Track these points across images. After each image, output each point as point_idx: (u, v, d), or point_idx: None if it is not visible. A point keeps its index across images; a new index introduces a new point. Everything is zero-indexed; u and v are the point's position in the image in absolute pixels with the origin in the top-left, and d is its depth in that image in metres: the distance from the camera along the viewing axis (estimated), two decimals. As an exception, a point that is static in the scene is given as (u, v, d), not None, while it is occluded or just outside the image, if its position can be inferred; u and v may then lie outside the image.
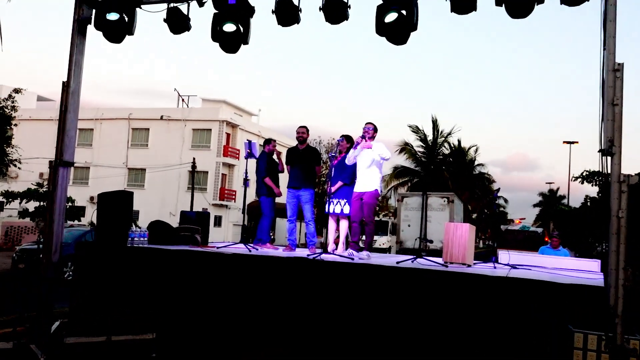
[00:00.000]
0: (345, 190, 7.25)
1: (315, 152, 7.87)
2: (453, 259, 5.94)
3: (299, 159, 7.66)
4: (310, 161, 7.65)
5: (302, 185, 7.55)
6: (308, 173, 7.61)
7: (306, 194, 7.54)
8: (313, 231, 7.61)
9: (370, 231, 6.69)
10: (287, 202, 7.69)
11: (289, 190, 7.68)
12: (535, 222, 60.91)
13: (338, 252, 7.10)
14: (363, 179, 6.82)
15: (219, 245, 7.31)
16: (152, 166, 37.89)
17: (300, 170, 7.60)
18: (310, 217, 7.55)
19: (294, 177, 7.66)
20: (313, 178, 7.71)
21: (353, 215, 6.81)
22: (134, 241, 6.66)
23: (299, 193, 7.57)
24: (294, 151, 7.81)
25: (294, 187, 7.62)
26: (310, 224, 7.56)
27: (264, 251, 6.99)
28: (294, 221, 7.66)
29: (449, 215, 19.69)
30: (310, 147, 7.89)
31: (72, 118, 6.52)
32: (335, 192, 7.21)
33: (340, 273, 5.43)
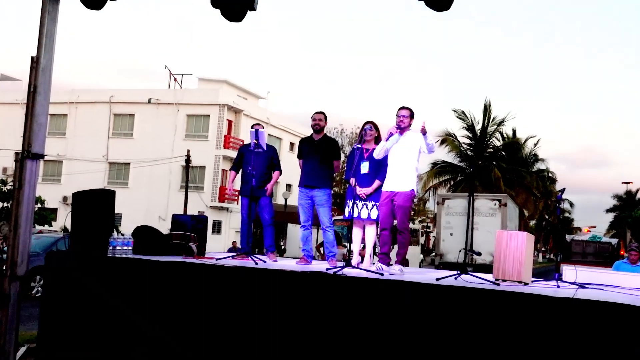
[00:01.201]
0: (378, 192, 7.23)
1: (334, 143, 7.89)
2: (506, 275, 5.89)
3: (313, 152, 7.69)
4: (327, 154, 7.68)
5: (317, 183, 7.57)
6: (324, 169, 7.65)
7: (321, 194, 7.57)
8: (332, 240, 7.66)
9: (405, 240, 6.67)
10: (299, 205, 7.73)
11: (301, 190, 7.72)
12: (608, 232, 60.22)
13: (364, 266, 7.08)
14: (395, 176, 6.79)
15: (218, 257, 7.35)
16: (138, 160, 38.27)
17: (315, 166, 7.63)
18: (328, 222, 7.59)
19: (307, 173, 7.68)
20: (330, 175, 7.75)
21: (382, 221, 6.81)
22: (116, 250, 6.71)
23: (313, 193, 7.60)
24: (308, 142, 7.84)
25: (307, 186, 7.64)
26: (329, 230, 7.60)
27: (275, 264, 7.02)
28: (308, 227, 7.69)
29: (501, 222, 19.57)
30: (328, 138, 7.91)
31: (42, 101, 6.60)
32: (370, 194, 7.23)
33: (366, 291, 5.42)
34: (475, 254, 16.00)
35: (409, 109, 6.90)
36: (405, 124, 6.81)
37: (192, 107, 38.68)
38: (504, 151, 38.36)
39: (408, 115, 6.84)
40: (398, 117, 6.84)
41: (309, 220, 7.69)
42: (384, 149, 6.89)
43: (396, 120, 6.84)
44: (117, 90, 41.07)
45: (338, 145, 8.04)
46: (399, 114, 6.85)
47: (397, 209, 6.68)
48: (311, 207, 7.66)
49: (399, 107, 6.95)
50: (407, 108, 6.90)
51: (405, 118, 6.81)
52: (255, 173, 7.69)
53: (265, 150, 7.73)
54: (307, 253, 7.65)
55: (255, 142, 7.61)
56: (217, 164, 38.17)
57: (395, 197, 6.71)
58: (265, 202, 8.06)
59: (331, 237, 7.60)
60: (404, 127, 6.82)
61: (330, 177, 7.74)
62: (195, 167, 36.65)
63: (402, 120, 6.79)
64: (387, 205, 6.75)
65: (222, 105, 38.16)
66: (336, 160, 7.81)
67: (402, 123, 6.79)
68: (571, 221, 66.52)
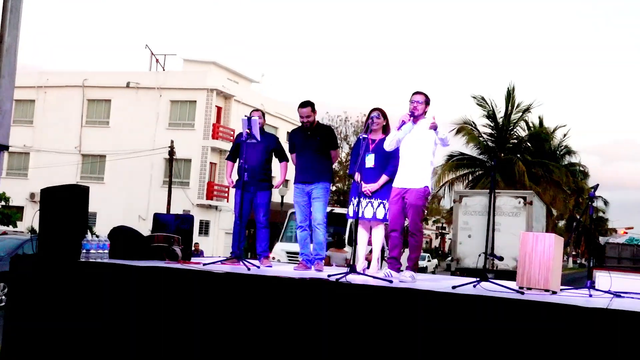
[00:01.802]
0: (384, 188, 7.25)
1: (329, 131, 7.96)
2: (531, 283, 5.89)
3: (307, 143, 7.73)
4: (322, 144, 7.73)
5: (313, 178, 7.64)
6: (321, 161, 7.71)
7: (318, 188, 7.63)
8: (323, 240, 7.67)
9: (417, 244, 6.69)
10: (295, 203, 7.78)
11: (296, 187, 7.77)
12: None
13: (371, 272, 7.11)
14: (407, 170, 6.79)
15: (206, 261, 7.35)
16: (115, 152, 38.29)
17: (310, 158, 7.68)
18: (322, 219, 7.62)
19: (302, 168, 7.74)
20: (328, 167, 7.80)
21: (392, 222, 6.81)
22: (90, 254, 6.71)
23: (310, 189, 7.66)
24: (300, 133, 7.89)
25: (303, 182, 7.71)
26: (319, 228, 7.62)
27: (270, 270, 7.02)
28: (306, 228, 7.74)
29: (526, 222, 19.59)
30: (322, 126, 7.98)
31: (6, 84, 6.60)
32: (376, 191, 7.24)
33: (373, 301, 5.42)
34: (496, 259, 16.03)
35: (424, 94, 6.86)
36: (419, 111, 6.78)
37: (176, 92, 38.69)
38: (529, 142, 38.37)
39: (423, 101, 6.80)
40: (411, 103, 6.80)
41: (307, 220, 7.72)
42: (396, 139, 6.87)
43: (409, 106, 6.81)
44: (91, 72, 41.08)
45: (334, 132, 8.09)
46: (413, 100, 6.81)
47: (409, 208, 6.67)
48: (309, 205, 7.69)
49: (413, 92, 6.91)
50: (421, 93, 6.87)
51: (420, 104, 6.77)
52: (247, 167, 7.69)
53: (259, 140, 7.73)
54: (306, 257, 7.67)
55: (248, 132, 7.61)
56: (205, 157, 38.20)
57: (407, 195, 6.70)
58: (260, 200, 8.08)
59: (321, 237, 7.61)
60: (418, 115, 6.79)
61: (328, 169, 7.79)
62: (179, 160, 36.69)
63: (416, 107, 6.76)
64: (398, 204, 6.74)
65: (210, 89, 38.17)
66: (333, 150, 7.85)
67: (416, 110, 6.76)
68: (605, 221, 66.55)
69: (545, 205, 25.88)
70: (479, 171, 37.02)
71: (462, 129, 36.39)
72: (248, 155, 7.81)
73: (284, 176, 8.27)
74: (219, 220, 39.19)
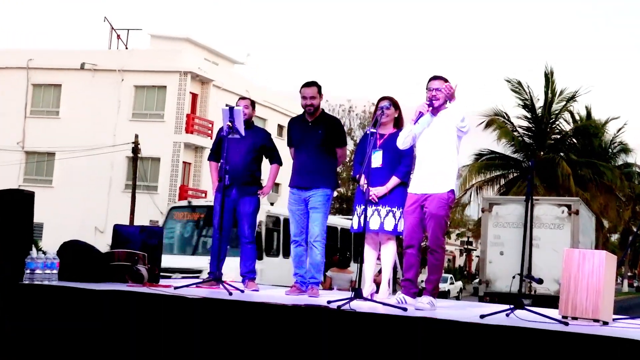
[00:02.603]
0: (394, 192, 7.27)
1: (336, 123, 7.95)
2: (577, 311, 5.89)
3: (307, 136, 7.73)
4: (327, 139, 7.72)
5: (313, 182, 7.63)
6: (323, 160, 7.70)
7: (318, 195, 7.63)
8: (320, 261, 7.65)
9: (438, 262, 6.71)
10: (290, 212, 7.80)
11: (291, 192, 7.78)
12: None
13: (380, 298, 7.11)
14: (427, 172, 6.79)
15: (177, 284, 7.34)
16: (66, 148, 38.24)
17: (310, 157, 7.68)
18: (320, 234, 7.61)
19: (300, 168, 7.74)
20: (332, 169, 7.81)
21: (408, 236, 6.81)
22: (35, 275, 6.68)
23: (308, 196, 7.66)
24: (300, 124, 7.90)
25: (300, 187, 7.71)
26: (317, 246, 7.61)
27: (256, 295, 7.04)
28: (302, 243, 7.74)
29: (571, 236, 19.57)
30: (328, 116, 7.98)
31: None
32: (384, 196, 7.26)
33: (384, 332, 5.42)
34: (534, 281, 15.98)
35: (444, 78, 6.85)
36: (439, 101, 6.77)
37: (141, 76, 38.63)
38: (574, 138, 38.35)
39: (444, 88, 6.75)
40: (429, 90, 6.79)
41: (303, 233, 7.71)
42: (412, 135, 6.86)
43: (427, 95, 6.80)
44: (37, 51, 41.02)
45: (341, 125, 8.10)
46: (431, 87, 6.80)
47: (429, 219, 6.68)
48: (306, 214, 7.69)
49: (430, 78, 6.91)
50: (440, 78, 6.86)
51: (440, 92, 6.75)
52: (229, 167, 7.70)
53: (244, 136, 7.72)
54: (301, 279, 7.65)
55: (230, 125, 7.60)
56: (177, 155, 38.15)
57: (427, 202, 6.70)
58: (244, 208, 8.08)
59: (318, 256, 7.60)
60: (439, 105, 6.79)
61: (331, 171, 7.79)
62: (146, 158, 36.61)
63: (436, 96, 6.75)
64: (415, 214, 6.75)
65: (183, 72, 38.11)
66: (340, 148, 7.83)
67: (436, 99, 6.75)
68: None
69: (594, 215, 25.88)
70: (513, 173, 37.03)
71: (493, 122, 36.35)
72: (230, 153, 7.80)
73: (273, 180, 8.27)
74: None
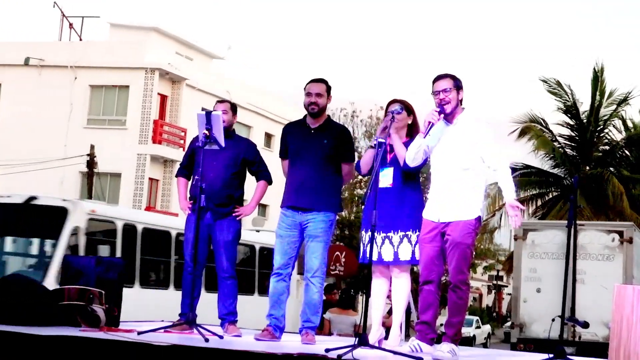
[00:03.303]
0: (407, 216, 7.29)
1: (344, 133, 8.00)
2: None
3: (309, 146, 7.77)
4: (333, 151, 7.75)
5: (313, 203, 7.65)
6: (327, 177, 7.73)
7: (318, 221, 7.65)
8: (317, 301, 7.69)
9: (462, 302, 6.73)
10: (278, 237, 7.81)
11: (284, 214, 7.81)
12: None
13: (390, 345, 7.13)
14: (447, 194, 6.83)
15: (142, 328, 7.32)
16: (6, 162, 38.21)
17: (310, 171, 7.71)
18: (320, 267, 7.64)
19: (297, 184, 7.75)
20: (336, 189, 7.85)
21: (424, 269, 6.85)
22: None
23: (306, 220, 7.67)
24: (300, 131, 7.93)
25: (296, 208, 7.73)
26: (314, 283, 7.63)
27: (238, 341, 7.06)
28: (285, 279, 7.76)
29: (623, 270, 19.54)
30: (334, 124, 8.02)
31: None
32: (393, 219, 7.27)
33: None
34: (579, 325, 15.96)
35: (450, 76, 6.94)
36: (452, 104, 6.83)
37: (99, 73, 38.64)
38: (627, 149, 38.23)
39: (451, 88, 6.86)
40: (436, 94, 6.87)
41: (288, 265, 7.74)
42: (422, 149, 6.89)
43: (435, 100, 6.87)
44: (-30, 43, 41.09)
45: (350, 135, 8.14)
46: (437, 89, 6.88)
47: (451, 249, 6.72)
48: (297, 242, 7.72)
49: (434, 78, 6.97)
50: (446, 76, 6.94)
51: (448, 93, 6.83)
52: (205, 185, 7.68)
53: (224, 147, 7.72)
54: (276, 322, 7.69)
55: (206, 134, 7.61)
56: (141, 169, 38.10)
57: (449, 230, 6.75)
58: (222, 237, 8.09)
59: (316, 295, 7.63)
60: (453, 110, 6.84)
61: (336, 192, 7.84)
62: (103, 174, 36.57)
63: (445, 99, 6.81)
64: (434, 243, 6.80)
65: (150, 69, 38.12)
66: (347, 164, 7.86)
67: (447, 103, 6.80)
68: None
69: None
70: (552, 192, 37.00)
71: (528, 130, 36.29)
72: (207, 168, 7.83)
73: (258, 200, 8.27)
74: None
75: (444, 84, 6.85)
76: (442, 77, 6.91)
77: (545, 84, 36.78)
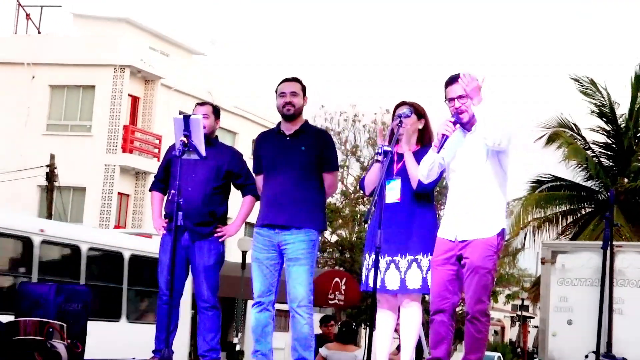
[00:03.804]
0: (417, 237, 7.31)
1: (325, 138, 8.08)
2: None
3: (284, 155, 7.81)
4: (312, 160, 7.80)
5: (291, 218, 7.69)
6: (308, 189, 7.77)
7: (299, 240, 7.68)
8: (307, 334, 7.72)
9: (482, 335, 6.75)
10: (255, 262, 7.84)
11: (258, 234, 7.85)
12: None
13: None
14: (465, 209, 6.86)
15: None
16: (-46, 175, 38.24)
17: (286, 184, 7.74)
18: (306, 295, 7.67)
19: (272, 199, 7.80)
20: (318, 201, 7.90)
21: (437, 297, 6.89)
22: None
23: (284, 240, 7.71)
24: (273, 138, 8.00)
25: (272, 226, 7.77)
26: (302, 314, 7.66)
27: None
28: (268, 308, 7.81)
29: (669, 299, 19.52)
30: (312, 128, 8.11)
31: None
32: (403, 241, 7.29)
33: None
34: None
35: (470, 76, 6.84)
36: (470, 112, 6.82)
37: (60, 71, 38.70)
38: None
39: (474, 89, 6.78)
40: (450, 101, 6.89)
41: (270, 292, 7.78)
42: (435, 164, 6.92)
43: (449, 107, 6.89)
44: None
45: (332, 140, 8.19)
46: (451, 95, 6.88)
47: (470, 273, 6.75)
48: (278, 265, 7.77)
49: (446, 81, 6.96)
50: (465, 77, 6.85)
51: (465, 100, 6.82)
52: (183, 201, 7.70)
53: (204, 156, 7.74)
54: (263, 358, 7.75)
55: (185, 141, 7.62)
56: (109, 183, 38.12)
57: (467, 252, 6.77)
58: (202, 261, 8.10)
59: (306, 327, 7.66)
60: (470, 118, 6.85)
61: (318, 206, 7.87)
62: (66, 188, 36.57)
63: (461, 107, 6.82)
64: (448, 266, 6.83)
65: (119, 66, 38.19)
66: (329, 173, 7.90)
67: (462, 111, 6.81)
68: None
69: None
70: (585, 208, 36.96)
71: (557, 137, 36.26)
72: (185, 181, 7.87)
73: (244, 217, 8.28)
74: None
75: (459, 89, 6.82)
76: (456, 79, 6.86)
77: (577, 84, 36.68)
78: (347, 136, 43.63)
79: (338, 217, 39.76)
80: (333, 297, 29.75)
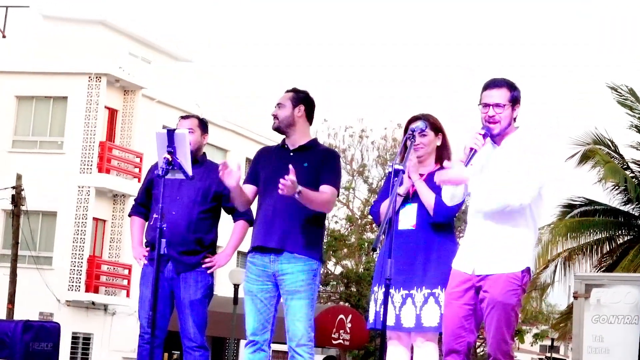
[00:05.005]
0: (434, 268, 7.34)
1: (329, 156, 8.09)
2: None
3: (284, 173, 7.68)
4: (316, 179, 7.80)
5: (289, 243, 7.70)
6: (308, 213, 7.75)
7: (297, 270, 7.70)
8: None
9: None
10: (248, 295, 7.86)
11: (251, 262, 7.88)
12: None
13: None
14: (486, 240, 6.82)
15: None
16: None
17: (283, 207, 7.74)
18: (305, 332, 7.68)
19: (266, 221, 7.82)
20: (319, 227, 7.91)
21: (450, 334, 6.84)
22: None
23: (281, 270, 7.72)
24: (276, 153, 8.06)
25: (266, 251, 7.78)
26: (301, 353, 7.67)
27: None
28: (263, 347, 7.82)
29: None
30: (319, 146, 8.15)
31: None
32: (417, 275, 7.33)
33: None
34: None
35: (509, 85, 6.84)
36: (503, 125, 6.80)
37: (28, 80, 38.81)
38: None
39: (507, 101, 6.77)
40: (484, 107, 6.83)
41: (266, 329, 7.79)
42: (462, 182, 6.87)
43: (482, 116, 6.84)
44: None
45: (336, 157, 8.21)
46: (488, 101, 6.81)
47: (490, 310, 6.72)
48: (274, 299, 7.80)
49: (485, 84, 6.90)
50: (503, 85, 6.84)
51: (501, 110, 6.78)
52: (167, 227, 7.70)
53: (191, 176, 7.75)
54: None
55: (168, 159, 7.62)
56: (83, 207, 38.17)
57: (486, 285, 6.74)
58: (189, 295, 8.10)
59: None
60: (502, 130, 6.82)
61: (318, 231, 7.89)
62: (34, 212, 36.65)
63: (494, 117, 6.76)
64: (464, 300, 6.80)
65: (95, 75, 38.31)
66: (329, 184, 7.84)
67: (495, 122, 6.78)
68: None
69: None
70: (623, 236, 36.99)
71: (591, 155, 36.29)
72: (169, 204, 7.91)
73: (236, 245, 8.29)
74: (111, 333, 39.06)
75: (497, 96, 6.76)
76: (497, 84, 6.82)
77: (615, 93, 36.59)
78: (354, 154, 43.60)
79: (343, 245, 39.70)
80: (337, 336, 29.75)
